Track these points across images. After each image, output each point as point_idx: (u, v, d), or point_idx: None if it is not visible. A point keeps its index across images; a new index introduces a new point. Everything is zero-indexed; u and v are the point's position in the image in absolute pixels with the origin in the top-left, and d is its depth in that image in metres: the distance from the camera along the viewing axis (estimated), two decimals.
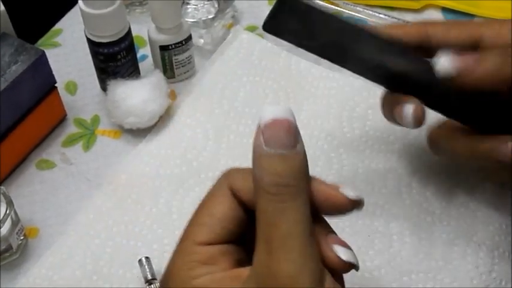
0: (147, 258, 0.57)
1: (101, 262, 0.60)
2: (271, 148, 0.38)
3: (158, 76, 0.67)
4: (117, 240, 0.61)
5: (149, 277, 0.56)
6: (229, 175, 0.43)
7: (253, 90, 0.71)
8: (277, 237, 0.38)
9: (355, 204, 0.41)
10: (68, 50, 0.75)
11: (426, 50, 0.54)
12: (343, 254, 0.41)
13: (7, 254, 0.60)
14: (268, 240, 0.38)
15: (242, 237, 0.43)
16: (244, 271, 0.40)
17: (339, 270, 0.41)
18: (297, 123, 0.40)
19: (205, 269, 0.41)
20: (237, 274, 0.41)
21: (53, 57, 0.67)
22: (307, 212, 0.39)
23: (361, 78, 0.71)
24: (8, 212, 0.58)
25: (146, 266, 0.57)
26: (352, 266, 0.41)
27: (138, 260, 0.57)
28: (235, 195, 0.42)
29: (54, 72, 0.66)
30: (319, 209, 0.41)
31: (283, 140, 0.38)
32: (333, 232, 0.42)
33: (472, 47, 0.53)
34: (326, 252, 0.41)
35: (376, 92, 0.69)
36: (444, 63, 0.50)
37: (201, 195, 0.62)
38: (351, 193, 0.41)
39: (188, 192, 0.64)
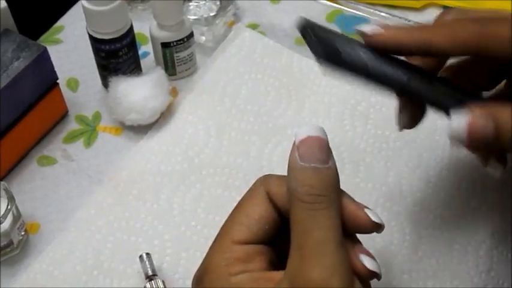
0: (147, 254, 0.57)
1: (101, 257, 0.60)
2: (305, 162, 0.42)
3: (159, 73, 0.67)
4: (117, 235, 0.61)
5: (150, 273, 0.56)
6: (266, 180, 0.46)
7: (255, 88, 0.71)
8: (310, 243, 0.41)
9: (377, 227, 0.44)
10: (69, 47, 0.75)
11: None
12: (368, 263, 0.43)
13: (8, 250, 0.59)
14: (301, 246, 0.41)
15: (274, 240, 0.46)
16: (278, 274, 0.42)
17: (363, 278, 0.44)
18: (299, 121, 0.40)
19: (242, 266, 0.43)
20: (271, 276, 0.43)
21: (55, 53, 0.67)
22: (338, 221, 0.42)
23: None
24: (9, 207, 0.58)
25: (147, 262, 0.57)
26: (376, 275, 0.44)
27: (138, 255, 0.57)
28: (270, 199, 0.45)
29: (55, 69, 0.66)
30: (343, 224, 0.43)
31: (316, 155, 0.42)
32: (360, 242, 0.45)
33: None
34: (353, 261, 0.43)
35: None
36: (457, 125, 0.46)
37: (202, 192, 0.63)
38: (373, 217, 0.44)
39: (189, 189, 0.64)
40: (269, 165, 0.65)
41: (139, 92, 0.65)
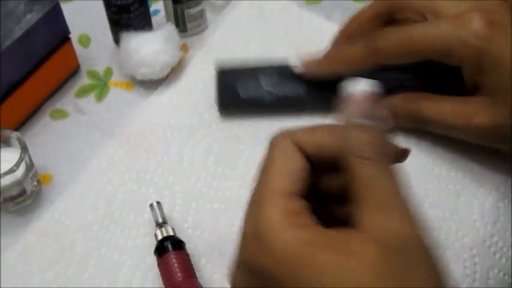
0: (158, 202, 0.57)
1: (112, 207, 0.60)
2: (359, 118, 0.40)
3: (170, 28, 0.67)
4: (128, 186, 0.61)
5: (160, 220, 0.56)
6: (290, 133, 0.43)
7: (264, 44, 0.71)
8: (390, 198, 0.39)
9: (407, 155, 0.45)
10: (81, 3, 0.75)
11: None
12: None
13: (21, 199, 0.60)
14: (380, 203, 0.38)
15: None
16: (345, 233, 0.39)
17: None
18: None
19: (302, 219, 0.40)
20: (340, 234, 0.39)
21: (66, 10, 0.66)
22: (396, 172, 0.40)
23: None
24: (22, 156, 0.58)
25: (157, 210, 0.57)
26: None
27: (149, 204, 0.57)
28: (301, 150, 0.43)
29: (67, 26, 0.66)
30: None
31: (369, 111, 0.40)
32: None
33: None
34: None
35: None
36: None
37: (212, 145, 0.63)
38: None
39: (199, 142, 0.64)
40: (279, 120, 0.64)
41: (151, 46, 0.65)
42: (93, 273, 0.56)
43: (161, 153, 0.63)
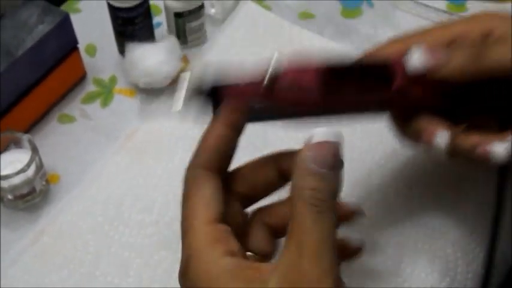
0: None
1: (121, 209, 0.61)
2: (317, 166, 0.40)
3: (172, 41, 0.69)
4: (136, 191, 0.63)
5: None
6: (198, 162, 0.46)
7: (258, 60, 0.72)
8: (311, 242, 0.39)
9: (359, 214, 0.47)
10: (88, 16, 0.77)
11: None
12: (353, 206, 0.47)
13: (30, 197, 0.61)
14: (301, 244, 0.39)
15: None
16: (265, 266, 0.41)
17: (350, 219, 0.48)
18: None
19: (224, 246, 0.42)
20: (259, 267, 0.41)
21: (74, 22, 0.68)
22: (335, 225, 0.41)
23: (358, 49, 0.74)
24: (33, 157, 0.59)
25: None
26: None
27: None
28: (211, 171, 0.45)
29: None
30: None
31: (329, 162, 0.40)
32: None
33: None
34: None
35: None
36: (416, 59, 0.50)
37: None
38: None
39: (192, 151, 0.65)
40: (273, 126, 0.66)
41: (154, 57, 0.67)
42: (104, 270, 0.58)
43: (166, 161, 0.65)
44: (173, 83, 0.69)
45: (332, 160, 0.40)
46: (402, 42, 0.53)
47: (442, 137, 0.50)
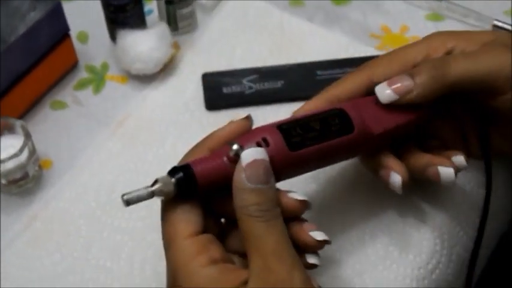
0: None
1: (113, 195, 0.62)
2: (252, 183, 0.44)
3: (163, 27, 0.69)
4: (127, 176, 0.63)
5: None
6: None
7: (248, 48, 0.73)
8: (268, 246, 0.43)
9: (306, 205, 0.48)
10: (79, 3, 0.77)
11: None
12: (319, 236, 0.47)
13: (23, 182, 0.62)
14: (259, 250, 0.43)
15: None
16: (244, 273, 0.44)
17: (317, 249, 0.48)
18: None
19: (206, 256, 0.44)
20: (239, 273, 0.44)
21: (66, 9, 0.68)
22: (285, 228, 0.45)
23: (348, 35, 0.75)
24: (25, 142, 0.60)
25: None
26: (327, 242, 0.47)
27: None
28: None
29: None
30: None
31: (261, 177, 0.44)
32: (305, 220, 0.48)
33: None
34: (305, 238, 0.47)
35: (358, 48, 0.72)
36: (382, 90, 0.51)
37: None
38: (299, 197, 0.47)
39: (192, 136, 0.64)
40: (262, 110, 0.67)
41: (145, 43, 0.67)
42: (96, 254, 0.58)
43: (157, 146, 0.65)
44: (164, 69, 0.70)
45: (264, 175, 0.44)
46: (366, 74, 0.54)
47: (395, 178, 0.52)
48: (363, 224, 0.58)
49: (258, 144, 0.46)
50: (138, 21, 0.70)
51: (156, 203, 0.60)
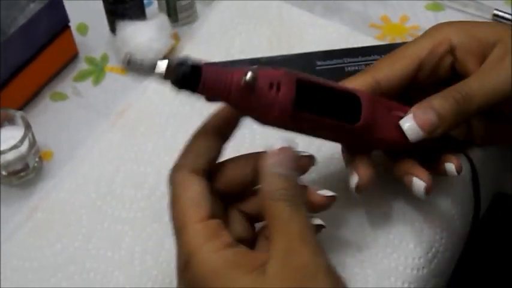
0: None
1: (113, 185, 0.62)
2: (280, 169, 0.45)
3: (163, 18, 0.70)
4: (128, 166, 0.63)
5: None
6: (183, 166, 0.49)
7: (248, 38, 0.73)
8: (295, 230, 0.44)
9: (334, 200, 0.50)
10: None
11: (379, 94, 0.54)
12: (327, 193, 0.50)
13: (24, 173, 0.62)
14: (286, 233, 0.44)
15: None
16: (260, 255, 0.45)
17: (326, 207, 0.50)
18: None
19: (221, 240, 0.45)
20: (256, 255, 0.45)
21: (66, 1, 0.68)
22: (307, 216, 0.45)
23: (348, 26, 0.74)
24: (26, 133, 0.60)
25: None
26: (333, 198, 0.50)
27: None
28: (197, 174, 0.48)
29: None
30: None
31: (288, 164, 0.45)
32: (307, 186, 0.50)
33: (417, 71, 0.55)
34: (315, 198, 0.49)
35: (358, 38, 0.72)
36: (411, 131, 0.51)
37: None
38: (328, 193, 0.50)
39: (192, 127, 0.65)
40: None
41: (145, 34, 0.67)
42: (97, 244, 0.58)
43: (157, 137, 0.65)
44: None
45: (291, 162, 0.45)
46: (371, 75, 0.54)
47: (418, 185, 0.53)
48: (363, 213, 0.58)
49: (270, 85, 0.46)
50: (138, 13, 0.70)
51: (155, 194, 0.60)
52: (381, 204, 0.59)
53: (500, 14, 0.73)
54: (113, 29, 0.71)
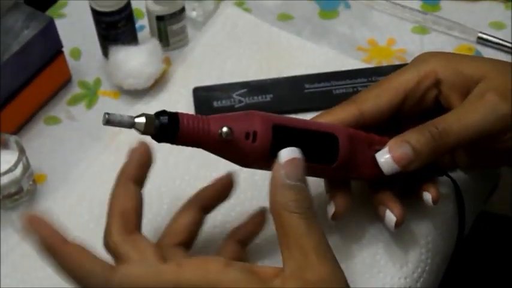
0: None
1: (106, 207, 0.63)
2: (291, 180, 0.45)
3: (154, 43, 0.71)
4: None
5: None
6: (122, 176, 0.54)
7: (238, 62, 0.74)
8: (311, 244, 0.44)
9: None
10: (72, 21, 0.78)
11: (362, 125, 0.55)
12: None
13: (18, 196, 0.63)
14: (302, 247, 0.44)
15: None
16: (267, 269, 0.45)
17: None
18: None
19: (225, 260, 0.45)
20: (263, 270, 0.45)
21: (59, 26, 0.69)
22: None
23: (336, 49, 0.76)
24: (20, 157, 0.61)
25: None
26: None
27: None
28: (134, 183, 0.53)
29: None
30: None
31: (299, 175, 0.45)
32: None
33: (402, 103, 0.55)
34: None
35: (345, 61, 0.73)
36: (385, 165, 0.52)
37: (194, 152, 0.64)
38: None
39: (183, 149, 0.66)
40: None
41: (137, 59, 0.69)
42: None
43: None
44: (156, 84, 0.71)
45: (302, 173, 0.45)
46: (356, 106, 0.55)
47: (390, 218, 0.55)
48: (350, 233, 0.59)
49: (247, 136, 0.47)
50: (130, 38, 0.72)
51: (146, 216, 0.61)
52: (367, 226, 0.60)
53: (485, 36, 0.75)
54: (105, 54, 0.73)
